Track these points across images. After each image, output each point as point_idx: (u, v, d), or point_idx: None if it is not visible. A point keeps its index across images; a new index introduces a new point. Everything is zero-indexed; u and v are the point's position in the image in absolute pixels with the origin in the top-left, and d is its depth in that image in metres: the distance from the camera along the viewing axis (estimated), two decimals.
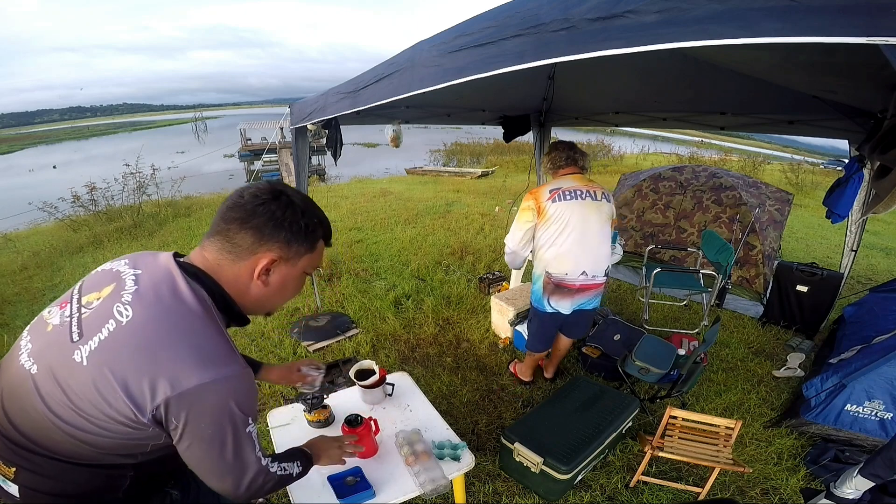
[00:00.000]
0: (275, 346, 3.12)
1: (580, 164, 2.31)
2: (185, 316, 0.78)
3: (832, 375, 2.29)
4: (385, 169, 15.66)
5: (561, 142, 2.40)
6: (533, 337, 2.57)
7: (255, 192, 0.82)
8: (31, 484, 0.83)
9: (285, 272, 0.87)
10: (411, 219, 6.79)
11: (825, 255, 5.77)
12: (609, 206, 2.26)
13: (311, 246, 0.89)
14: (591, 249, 2.21)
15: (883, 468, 1.74)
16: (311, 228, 0.87)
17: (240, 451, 0.83)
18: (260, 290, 0.87)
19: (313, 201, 0.91)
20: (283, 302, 0.96)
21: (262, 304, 0.92)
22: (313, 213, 0.88)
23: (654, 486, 2.06)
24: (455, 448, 1.53)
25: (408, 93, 1.54)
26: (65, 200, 6.78)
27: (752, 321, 3.67)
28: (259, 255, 0.83)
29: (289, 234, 0.83)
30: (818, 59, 1.56)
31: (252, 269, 0.84)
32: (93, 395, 0.74)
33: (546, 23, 1.02)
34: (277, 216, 0.81)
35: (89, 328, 0.77)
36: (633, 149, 20.45)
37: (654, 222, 4.34)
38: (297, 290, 0.95)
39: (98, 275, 0.86)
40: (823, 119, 2.63)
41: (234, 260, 0.83)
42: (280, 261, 0.85)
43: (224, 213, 0.82)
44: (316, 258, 0.92)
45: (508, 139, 4.28)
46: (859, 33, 0.66)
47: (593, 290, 2.30)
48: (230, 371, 0.79)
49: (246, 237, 0.81)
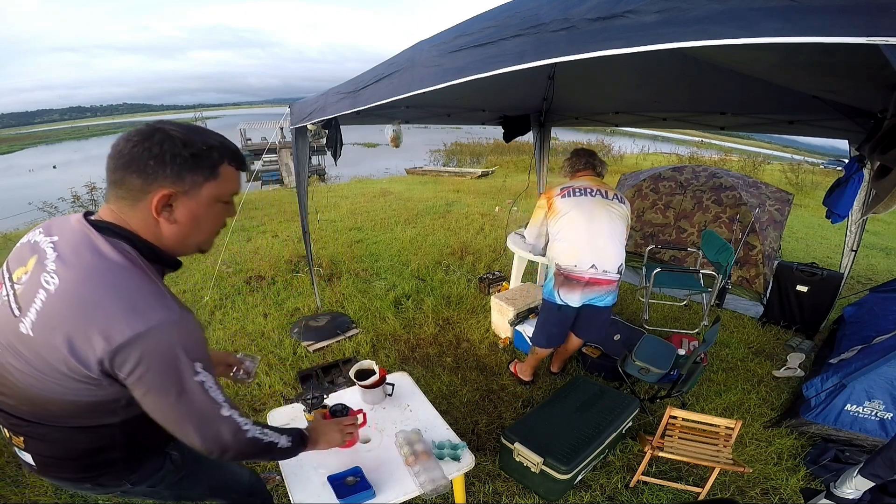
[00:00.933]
0: (275, 346, 3.12)
1: (597, 171, 2.44)
2: (108, 271, 0.78)
3: (832, 375, 2.29)
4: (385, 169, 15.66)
5: (582, 149, 2.52)
6: (538, 329, 2.57)
7: (128, 136, 0.81)
8: (39, 451, 0.92)
9: (191, 205, 0.84)
10: (411, 219, 6.79)
11: (825, 255, 5.78)
12: (622, 207, 2.31)
13: (211, 173, 0.85)
14: (600, 243, 2.23)
15: (883, 468, 1.74)
16: (200, 156, 0.83)
17: (191, 398, 0.82)
18: (171, 229, 0.85)
19: (201, 129, 0.87)
20: (207, 237, 0.93)
21: (183, 243, 0.89)
22: (199, 141, 0.83)
23: (654, 486, 2.06)
24: (455, 448, 1.53)
25: (408, 93, 1.53)
26: (65, 200, 6.80)
27: (752, 321, 3.67)
28: (151, 193, 0.81)
29: (174, 167, 0.80)
30: (818, 59, 1.56)
31: (150, 208, 0.82)
32: (48, 361, 0.79)
33: (546, 23, 1.02)
34: (156, 152, 0.79)
35: (25, 302, 0.80)
36: (633, 149, 20.45)
37: (654, 222, 4.35)
38: (219, 221, 0.93)
39: (18, 249, 0.87)
40: (823, 119, 2.64)
41: (133, 205, 0.82)
42: (177, 195, 0.82)
43: (109, 165, 0.81)
44: (224, 184, 0.88)
45: (508, 139, 4.29)
46: (859, 33, 0.66)
47: (605, 286, 2.29)
48: (164, 317, 0.78)
49: (134, 180, 0.80)
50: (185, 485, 1.16)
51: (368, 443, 1.58)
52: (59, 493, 1.93)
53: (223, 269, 4.42)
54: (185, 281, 4.20)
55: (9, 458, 2.09)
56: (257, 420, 0.97)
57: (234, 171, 0.89)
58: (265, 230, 6.08)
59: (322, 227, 6.19)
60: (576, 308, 2.36)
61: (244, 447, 0.92)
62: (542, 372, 2.88)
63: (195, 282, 4.19)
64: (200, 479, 1.21)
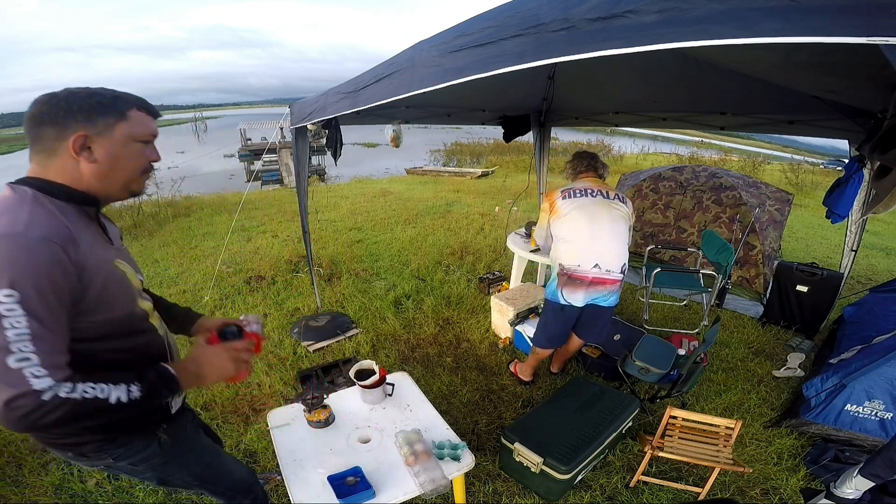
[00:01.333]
0: (275, 346, 3.12)
1: (599, 172, 2.45)
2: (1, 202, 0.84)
3: (832, 375, 2.29)
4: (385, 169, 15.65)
5: (584, 152, 2.54)
6: (540, 329, 2.57)
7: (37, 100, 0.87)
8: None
9: (106, 144, 0.90)
10: (411, 219, 6.79)
11: (825, 255, 5.78)
12: (624, 207, 2.32)
13: (121, 115, 0.92)
14: (602, 243, 2.24)
15: (883, 468, 1.74)
16: (107, 103, 0.90)
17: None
18: (93, 168, 0.90)
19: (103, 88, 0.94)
20: (131, 175, 0.97)
21: (108, 181, 0.93)
22: (105, 93, 0.92)
23: (654, 486, 2.06)
24: (455, 448, 1.53)
25: (408, 93, 1.53)
26: None
27: (752, 321, 3.67)
28: (67, 139, 0.87)
29: (84, 113, 0.87)
30: (818, 59, 1.56)
31: (69, 152, 0.87)
32: None
33: (546, 23, 1.02)
34: (63, 105, 0.86)
35: None
36: (633, 149, 20.44)
37: (654, 222, 4.35)
38: (140, 160, 0.97)
39: None
40: (823, 119, 2.64)
41: (51, 155, 0.88)
42: (92, 136, 0.88)
43: (25, 128, 0.88)
44: (136, 125, 0.94)
45: (508, 139, 4.29)
46: (859, 33, 0.66)
47: (608, 286, 2.29)
48: (2, 226, 0.78)
49: (49, 132, 0.86)
50: (168, 470, 1.17)
51: (368, 443, 1.58)
52: (59, 493, 1.93)
53: (223, 269, 4.42)
54: (185, 281, 4.21)
55: (8, 458, 2.09)
56: (86, 374, 0.82)
57: (145, 115, 0.97)
58: (265, 230, 6.08)
59: (322, 227, 6.19)
60: (579, 308, 2.36)
61: (48, 413, 0.75)
62: (542, 372, 2.88)
63: (195, 282, 4.19)
64: (187, 466, 1.21)
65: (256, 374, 2.76)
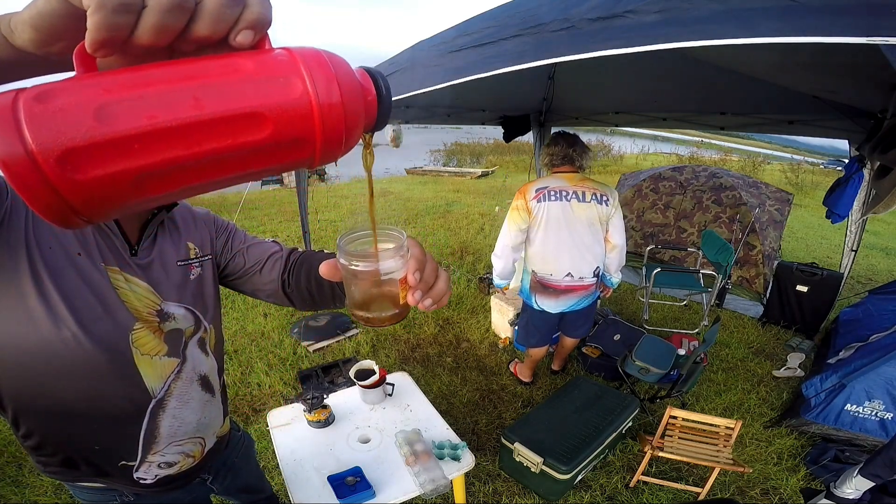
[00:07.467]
0: (275, 346, 3.12)
1: (577, 164, 2.22)
2: None
3: (832, 375, 2.29)
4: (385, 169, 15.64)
5: (562, 135, 2.24)
6: (522, 330, 2.56)
7: None
8: None
9: None
10: (411, 219, 6.79)
11: (825, 255, 5.78)
12: (601, 208, 2.16)
13: None
14: (575, 251, 2.18)
15: (883, 468, 1.74)
16: None
17: None
18: None
19: None
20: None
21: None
22: None
23: (654, 486, 2.06)
24: (455, 448, 1.53)
25: (408, 93, 1.53)
26: None
27: (752, 321, 3.67)
28: None
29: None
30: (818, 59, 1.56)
31: None
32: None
33: (546, 23, 1.02)
34: None
35: None
36: (633, 149, 20.43)
37: (654, 222, 4.34)
38: None
39: None
40: (823, 119, 2.63)
41: None
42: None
43: None
44: None
45: (508, 139, 4.29)
46: (859, 33, 0.66)
47: (581, 292, 2.28)
48: None
49: None
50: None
51: (368, 443, 1.58)
52: (59, 493, 1.93)
53: None
54: None
55: (9, 459, 2.09)
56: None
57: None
58: (265, 230, 6.08)
59: (322, 227, 6.19)
60: (556, 314, 2.36)
61: None
62: (542, 372, 2.88)
63: None
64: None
65: (256, 374, 2.76)
